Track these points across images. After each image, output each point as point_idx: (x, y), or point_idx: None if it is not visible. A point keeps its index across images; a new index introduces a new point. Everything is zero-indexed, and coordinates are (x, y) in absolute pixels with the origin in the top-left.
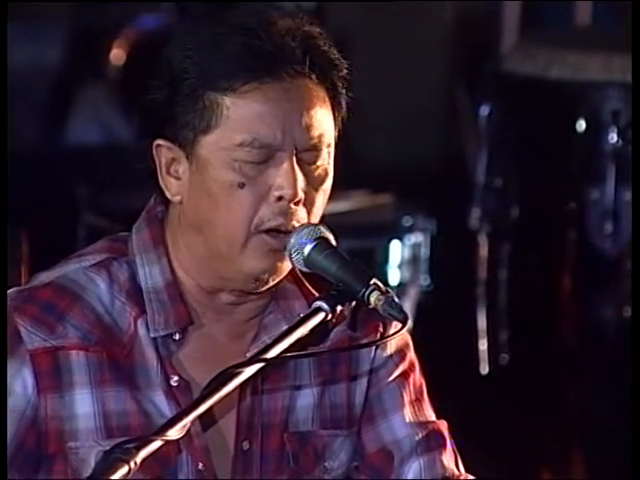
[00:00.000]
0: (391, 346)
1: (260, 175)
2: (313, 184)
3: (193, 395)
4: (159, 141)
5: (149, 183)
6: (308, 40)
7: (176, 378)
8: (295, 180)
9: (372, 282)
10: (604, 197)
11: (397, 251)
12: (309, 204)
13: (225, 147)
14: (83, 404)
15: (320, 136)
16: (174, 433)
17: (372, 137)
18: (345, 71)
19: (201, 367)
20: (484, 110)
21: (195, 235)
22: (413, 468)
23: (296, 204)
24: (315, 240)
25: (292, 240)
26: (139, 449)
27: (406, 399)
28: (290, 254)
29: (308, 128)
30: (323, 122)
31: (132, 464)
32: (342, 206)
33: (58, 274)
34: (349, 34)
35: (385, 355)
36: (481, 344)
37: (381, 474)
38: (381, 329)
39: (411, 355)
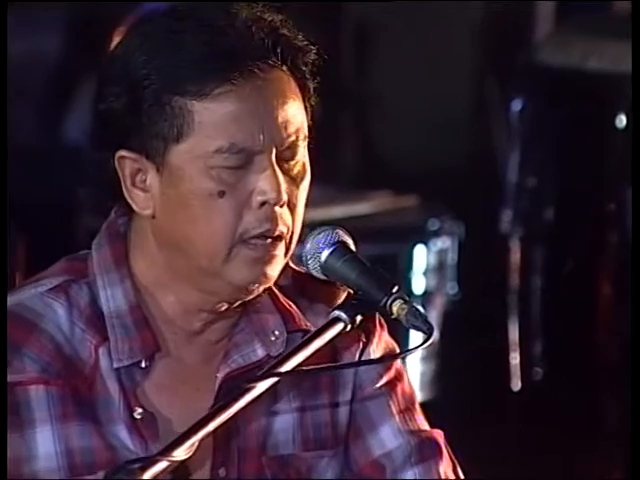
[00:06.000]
0: (374, 356)
1: (240, 181)
2: (293, 182)
3: (159, 426)
4: (122, 152)
5: None
6: (275, 30)
7: (140, 410)
8: (278, 183)
9: (394, 290)
10: None
11: (422, 257)
12: (292, 204)
13: (200, 155)
14: (44, 443)
15: (297, 131)
16: (181, 453)
17: (395, 134)
18: (313, 55)
19: (169, 395)
20: (516, 104)
21: (173, 251)
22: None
23: (280, 206)
24: (333, 245)
25: (308, 245)
26: (144, 470)
27: (394, 409)
28: (306, 260)
29: (285, 125)
30: (298, 115)
31: None
32: (363, 208)
33: (12, 302)
34: (374, 27)
35: (368, 366)
36: (513, 358)
37: None
38: (363, 339)
39: (397, 365)
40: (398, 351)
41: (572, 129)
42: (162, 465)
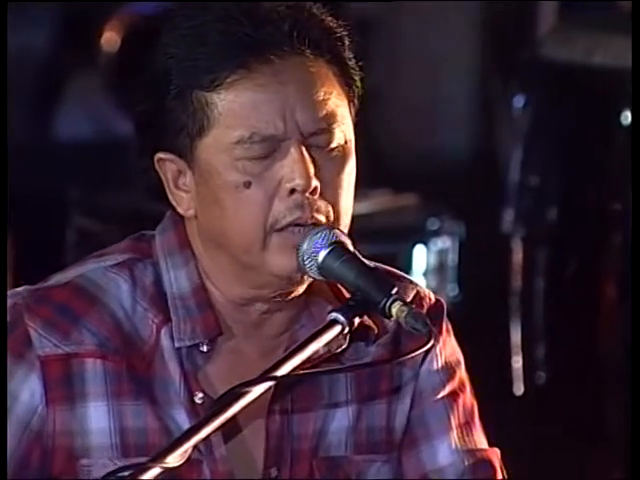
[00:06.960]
0: (438, 363)
1: (267, 170)
2: (332, 169)
3: None
4: (160, 154)
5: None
6: (295, 13)
7: (201, 395)
8: (306, 168)
9: (394, 291)
10: None
11: (422, 257)
12: (330, 193)
13: (224, 147)
14: (97, 418)
15: (328, 115)
16: (174, 459)
17: (395, 131)
18: (347, 40)
19: (228, 383)
20: (519, 101)
21: (216, 249)
22: None
23: (312, 193)
24: (330, 245)
25: (304, 245)
26: (135, 477)
27: (453, 422)
28: (303, 261)
29: (312, 109)
30: (330, 100)
31: None
32: (361, 207)
33: (76, 274)
34: (374, 23)
35: (431, 372)
36: (515, 361)
37: None
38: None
39: (461, 374)
40: (462, 360)
41: (576, 126)
42: (154, 472)
